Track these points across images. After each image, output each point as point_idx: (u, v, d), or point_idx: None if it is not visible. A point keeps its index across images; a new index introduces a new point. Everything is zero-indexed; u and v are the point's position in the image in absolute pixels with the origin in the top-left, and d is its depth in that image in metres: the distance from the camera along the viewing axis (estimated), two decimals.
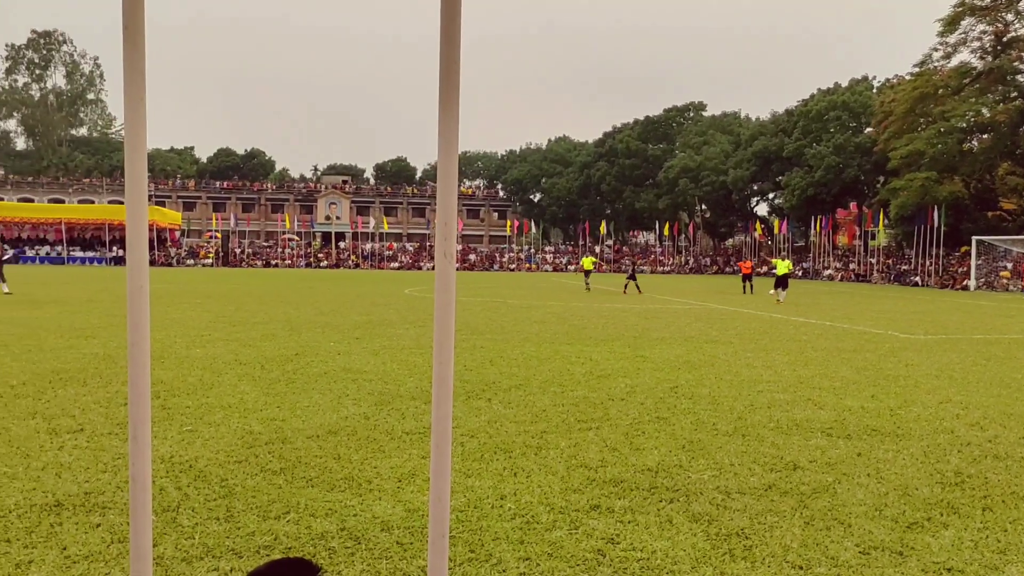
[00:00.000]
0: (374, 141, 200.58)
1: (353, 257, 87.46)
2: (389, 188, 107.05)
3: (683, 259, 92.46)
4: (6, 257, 30.72)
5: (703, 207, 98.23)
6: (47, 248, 73.19)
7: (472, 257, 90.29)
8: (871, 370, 12.55)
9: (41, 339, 14.24)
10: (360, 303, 26.45)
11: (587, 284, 42.09)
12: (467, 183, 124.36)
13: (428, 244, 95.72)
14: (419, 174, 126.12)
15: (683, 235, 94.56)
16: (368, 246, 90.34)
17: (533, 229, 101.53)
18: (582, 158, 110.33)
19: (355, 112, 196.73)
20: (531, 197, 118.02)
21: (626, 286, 38.60)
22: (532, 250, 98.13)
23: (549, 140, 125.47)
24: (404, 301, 28.32)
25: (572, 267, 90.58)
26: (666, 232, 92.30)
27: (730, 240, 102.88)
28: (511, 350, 14.14)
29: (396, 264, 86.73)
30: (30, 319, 18.01)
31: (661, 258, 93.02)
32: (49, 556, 4.53)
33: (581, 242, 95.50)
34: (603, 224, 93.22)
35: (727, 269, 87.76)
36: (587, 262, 42.76)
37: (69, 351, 12.79)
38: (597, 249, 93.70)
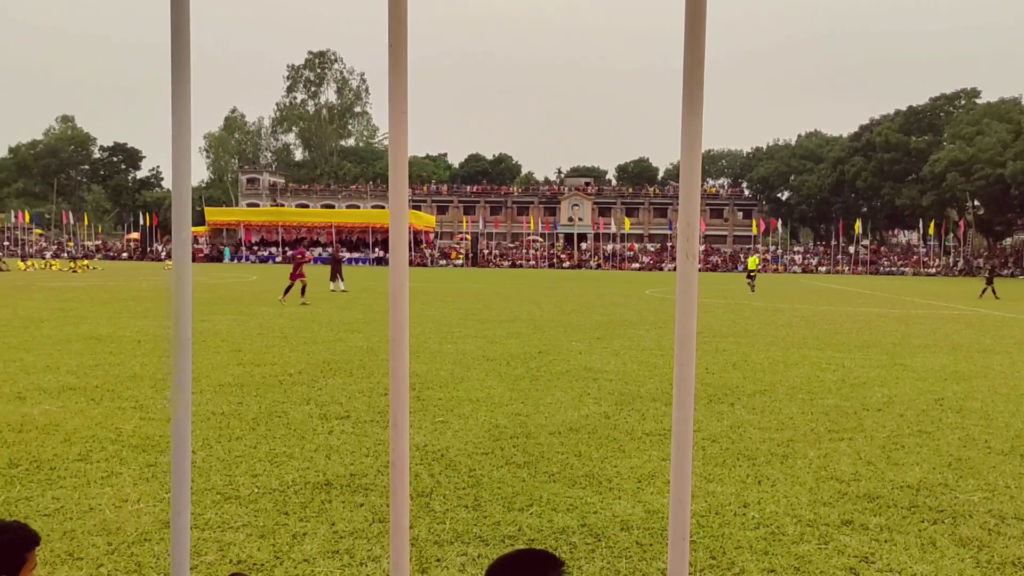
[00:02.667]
0: (616, 142, 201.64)
1: (595, 258, 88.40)
2: (631, 189, 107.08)
3: (951, 260, 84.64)
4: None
5: (975, 203, 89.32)
6: (319, 249, 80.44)
7: (715, 258, 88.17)
8: None
9: (315, 332, 15.68)
10: (601, 303, 26.69)
11: (751, 285, 39.01)
12: (710, 182, 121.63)
13: (670, 244, 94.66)
14: (661, 174, 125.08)
15: (951, 234, 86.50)
16: (609, 247, 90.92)
17: (780, 229, 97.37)
18: (835, 153, 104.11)
19: (598, 114, 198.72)
20: (778, 195, 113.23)
21: (984, 291, 34.81)
22: (779, 250, 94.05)
23: (799, 135, 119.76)
24: (645, 302, 28.22)
25: (823, 268, 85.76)
26: (931, 231, 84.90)
27: (1008, 239, 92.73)
28: (755, 354, 13.66)
29: (637, 265, 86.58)
30: (306, 314, 19.89)
31: (925, 259, 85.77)
32: (320, 530, 4.98)
33: (834, 242, 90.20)
34: (858, 223, 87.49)
35: (1003, 271, 79.19)
36: (753, 261, 40.43)
37: (338, 344, 13.98)
38: (851, 250, 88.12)
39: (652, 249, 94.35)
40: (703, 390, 9.85)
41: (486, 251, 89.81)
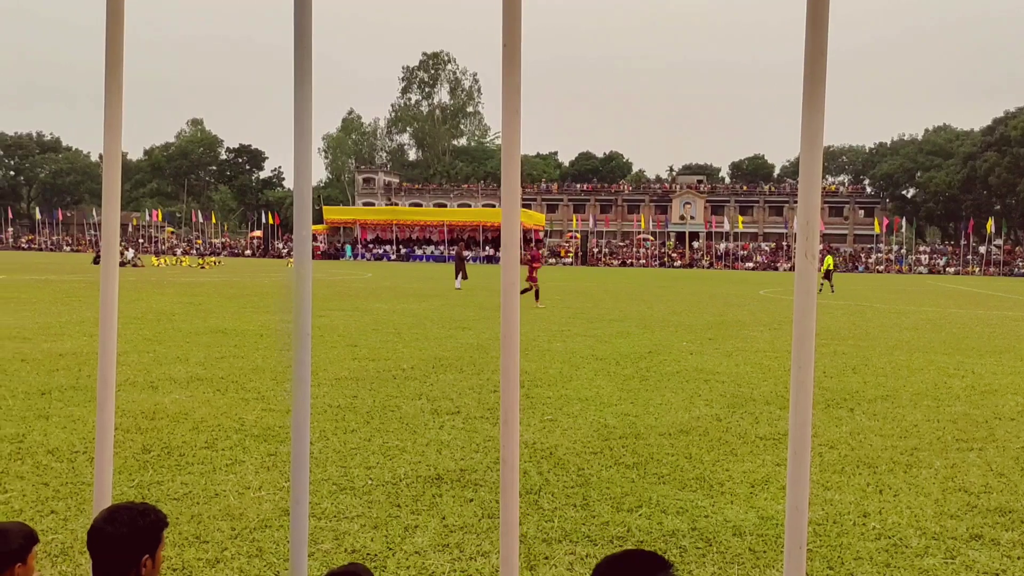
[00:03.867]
0: (730, 139, 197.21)
1: (706, 257, 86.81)
2: (745, 186, 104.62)
3: None
4: (469, 257, 34.29)
5: None
6: (432, 247, 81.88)
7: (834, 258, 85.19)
8: None
9: (426, 329, 15.98)
10: (713, 303, 26.19)
11: (828, 285, 36.78)
12: (830, 179, 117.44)
13: (785, 244, 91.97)
14: (777, 171, 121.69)
15: None
16: (722, 246, 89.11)
17: (904, 227, 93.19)
18: (966, 148, 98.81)
19: (711, 110, 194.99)
20: (903, 193, 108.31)
21: None
22: (903, 250, 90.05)
23: (926, 130, 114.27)
24: (758, 302, 27.53)
25: (951, 269, 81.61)
26: None
27: None
28: (877, 358, 13.12)
29: (751, 264, 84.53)
30: (418, 311, 20.31)
31: None
32: (431, 524, 5.07)
33: (963, 241, 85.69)
34: (990, 221, 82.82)
35: None
36: (828, 261, 38.54)
37: (448, 340, 14.21)
38: (981, 250, 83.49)
39: (767, 248, 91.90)
40: (820, 394, 9.53)
41: (596, 250, 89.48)
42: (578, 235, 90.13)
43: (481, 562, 4.50)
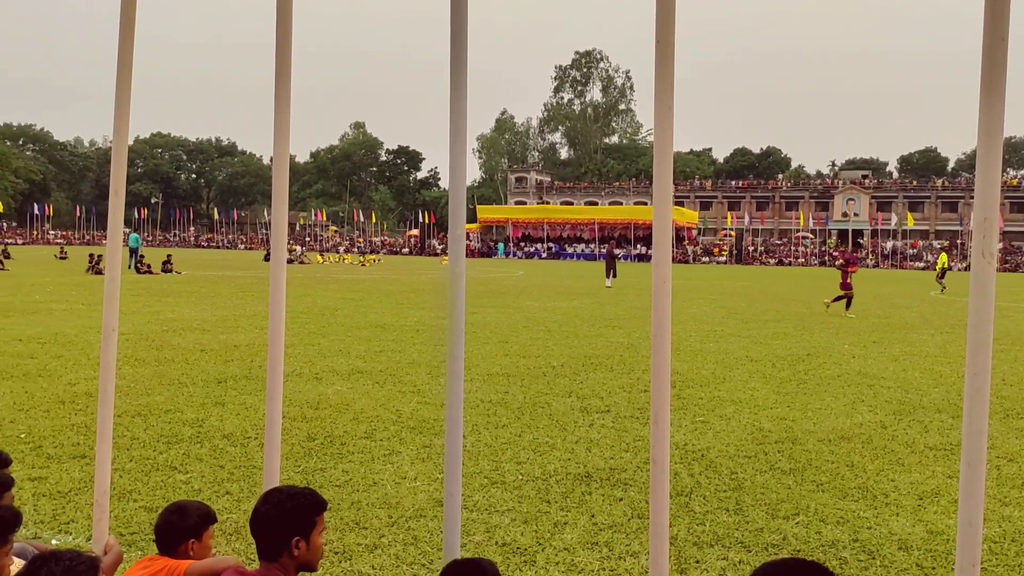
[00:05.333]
0: (900, 131, 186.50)
1: (871, 256, 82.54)
2: (915, 181, 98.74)
3: None
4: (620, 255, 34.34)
5: None
6: (582, 246, 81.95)
7: (1016, 258, 78.98)
8: None
9: (576, 327, 16.02)
10: (878, 304, 24.90)
11: (941, 285, 33.41)
12: (1011, 172, 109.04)
13: (959, 242, 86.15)
14: (951, 165, 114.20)
15: None
16: (888, 244, 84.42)
17: None
18: None
19: (877, 102, 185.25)
20: None
21: None
22: None
23: None
24: (929, 304, 25.93)
25: None
26: None
27: None
28: None
29: (921, 263, 79.67)
30: (569, 309, 20.38)
31: None
32: (580, 521, 5.09)
33: None
34: None
35: None
36: (943, 259, 35.12)
37: (599, 338, 14.18)
38: None
39: (938, 247, 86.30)
40: (998, 403, 8.87)
41: (751, 248, 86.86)
42: (732, 233, 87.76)
43: (630, 562, 4.48)
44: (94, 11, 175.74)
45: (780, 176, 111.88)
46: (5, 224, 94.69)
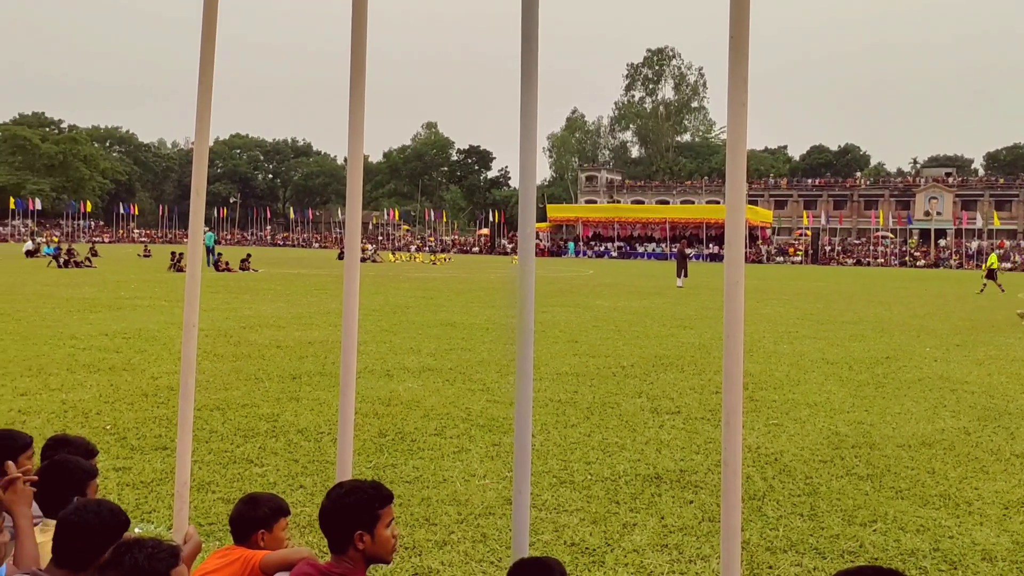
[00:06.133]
0: (986, 128, 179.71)
1: (955, 256, 79.71)
2: (1002, 179, 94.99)
3: None
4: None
5: None
6: (653, 245, 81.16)
7: None
8: None
9: (646, 327, 15.88)
10: (961, 306, 24.05)
11: (994, 285, 31.64)
12: None
13: None
14: None
15: None
16: (974, 244, 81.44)
17: None
18: None
19: (963, 95, 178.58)
20: None
21: None
22: None
23: None
24: (1017, 306, 24.92)
25: None
26: None
27: None
28: None
29: (1008, 264, 76.68)
30: (639, 308, 20.22)
31: None
32: (649, 523, 5.04)
33: None
34: None
35: None
36: (992, 259, 33.69)
37: (669, 339, 14.03)
38: None
39: (990, 246, 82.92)
40: None
41: (828, 247, 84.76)
42: (808, 232, 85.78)
43: (701, 565, 4.42)
44: (177, 14, 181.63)
45: (859, 174, 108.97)
46: (93, 223, 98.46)
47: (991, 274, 32.93)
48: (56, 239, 63.95)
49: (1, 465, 2.91)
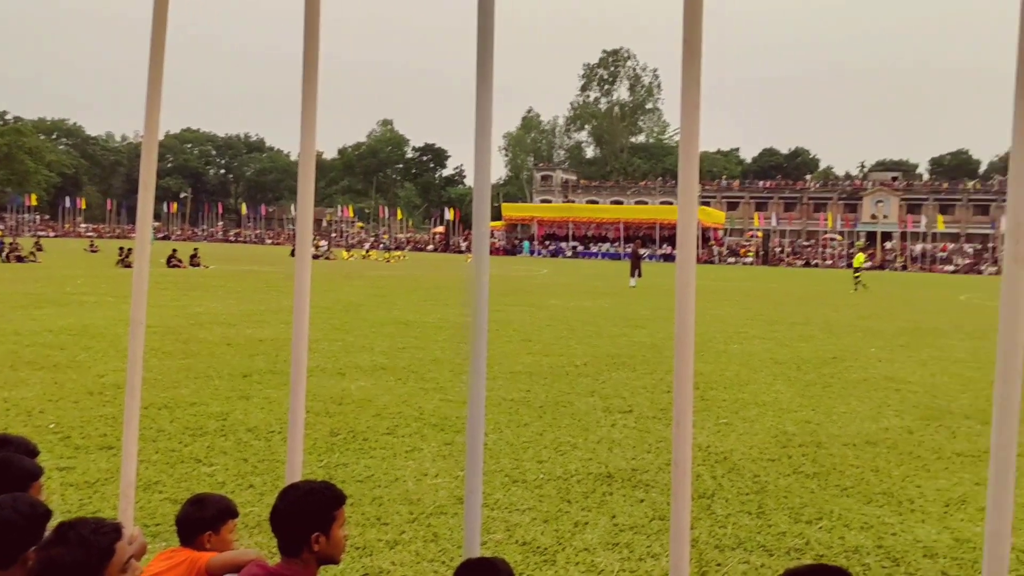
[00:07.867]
0: (931, 133, 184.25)
1: (900, 258, 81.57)
2: (946, 184, 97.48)
3: None
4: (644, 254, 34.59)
5: None
6: (607, 245, 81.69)
7: None
8: None
9: (600, 326, 15.97)
10: (907, 308, 24.61)
11: (858, 283, 33.61)
12: None
13: (991, 246, 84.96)
14: (983, 167, 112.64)
15: None
16: (918, 247, 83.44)
17: None
18: None
19: (907, 103, 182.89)
20: None
21: None
22: None
23: None
24: (959, 308, 25.59)
25: None
26: None
27: None
28: None
29: (951, 267, 78.74)
30: (592, 308, 20.34)
31: None
32: (601, 521, 5.07)
33: None
34: None
35: None
36: (859, 259, 36.78)
37: (622, 338, 14.14)
38: None
39: (970, 250, 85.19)
40: None
41: (778, 249, 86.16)
42: (759, 234, 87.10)
43: (651, 564, 4.46)
44: (127, 12, 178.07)
45: (808, 177, 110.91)
46: (38, 217, 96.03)
47: (857, 272, 35.03)
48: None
49: None
